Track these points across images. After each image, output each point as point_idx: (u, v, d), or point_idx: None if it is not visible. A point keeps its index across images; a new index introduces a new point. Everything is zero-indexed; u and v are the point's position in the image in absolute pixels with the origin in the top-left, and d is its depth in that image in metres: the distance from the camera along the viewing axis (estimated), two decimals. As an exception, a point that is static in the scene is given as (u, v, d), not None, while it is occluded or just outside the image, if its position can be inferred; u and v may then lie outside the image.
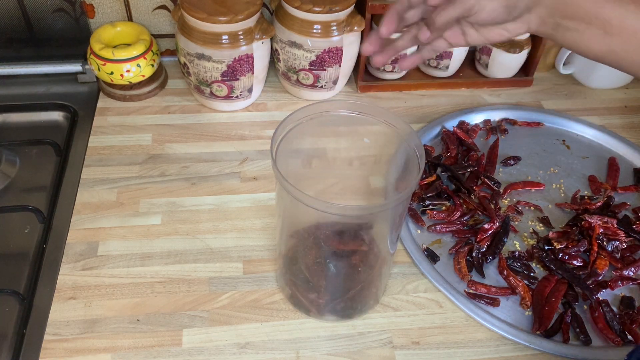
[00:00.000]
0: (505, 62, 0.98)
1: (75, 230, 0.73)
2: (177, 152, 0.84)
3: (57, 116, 0.91)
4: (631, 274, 0.72)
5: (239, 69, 0.84)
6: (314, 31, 0.85)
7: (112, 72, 0.87)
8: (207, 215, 0.76)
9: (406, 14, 0.57)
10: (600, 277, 0.71)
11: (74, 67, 0.93)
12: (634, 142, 0.91)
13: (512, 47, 0.94)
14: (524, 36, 0.95)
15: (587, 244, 0.74)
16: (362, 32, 0.89)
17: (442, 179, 0.82)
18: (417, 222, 0.77)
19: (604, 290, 0.70)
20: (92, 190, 0.78)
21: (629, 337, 0.66)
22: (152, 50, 0.90)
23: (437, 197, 0.79)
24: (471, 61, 1.03)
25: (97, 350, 0.62)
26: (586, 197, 0.81)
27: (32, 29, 0.91)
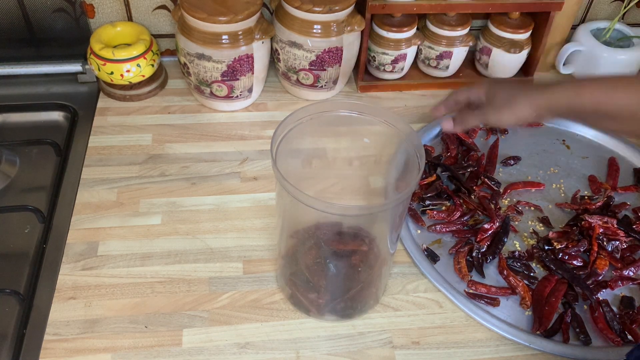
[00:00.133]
0: (505, 62, 0.97)
1: (75, 230, 0.73)
2: (177, 152, 0.84)
3: (57, 116, 0.91)
4: (631, 274, 0.72)
5: (239, 69, 0.84)
6: (314, 31, 0.85)
7: (112, 72, 0.87)
8: (207, 215, 0.76)
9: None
10: (600, 277, 0.71)
11: (74, 67, 0.93)
12: (634, 142, 0.91)
13: (512, 47, 0.94)
14: (524, 36, 0.95)
15: (587, 244, 0.74)
16: (362, 32, 0.89)
17: (442, 179, 0.82)
18: (417, 222, 0.77)
19: (604, 290, 0.70)
20: (92, 190, 0.78)
21: (629, 337, 0.66)
22: (152, 50, 0.90)
23: (437, 197, 0.79)
24: (471, 61, 1.03)
25: (97, 350, 0.62)
26: (586, 197, 0.81)
27: (32, 29, 0.91)
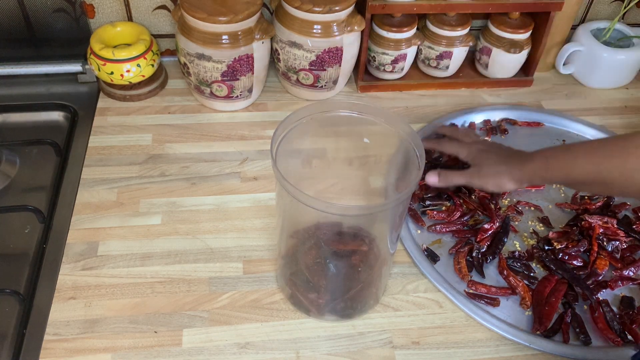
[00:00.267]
0: (505, 62, 0.97)
1: (75, 230, 0.73)
2: (177, 152, 0.84)
3: (57, 116, 0.91)
4: (631, 274, 0.72)
5: (239, 69, 0.84)
6: (314, 31, 0.85)
7: (112, 72, 0.87)
8: (207, 215, 0.76)
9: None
10: (600, 277, 0.71)
11: (74, 67, 0.93)
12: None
13: (512, 47, 0.94)
14: (524, 36, 0.95)
15: (587, 244, 0.74)
16: (362, 32, 0.89)
17: (442, 179, 0.82)
18: (417, 222, 0.77)
19: (604, 290, 0.70)
20: (92, 190, 0.78)
21: (629, 337, 0.66)
22: (152, 50, 0.90)
23: (437, 197, 0.79)
24: (471, 61, 1.03)
25: (97, 350, 0.62)
26: (586, 197, 0.81)
27: (32, 29, 0.91)
